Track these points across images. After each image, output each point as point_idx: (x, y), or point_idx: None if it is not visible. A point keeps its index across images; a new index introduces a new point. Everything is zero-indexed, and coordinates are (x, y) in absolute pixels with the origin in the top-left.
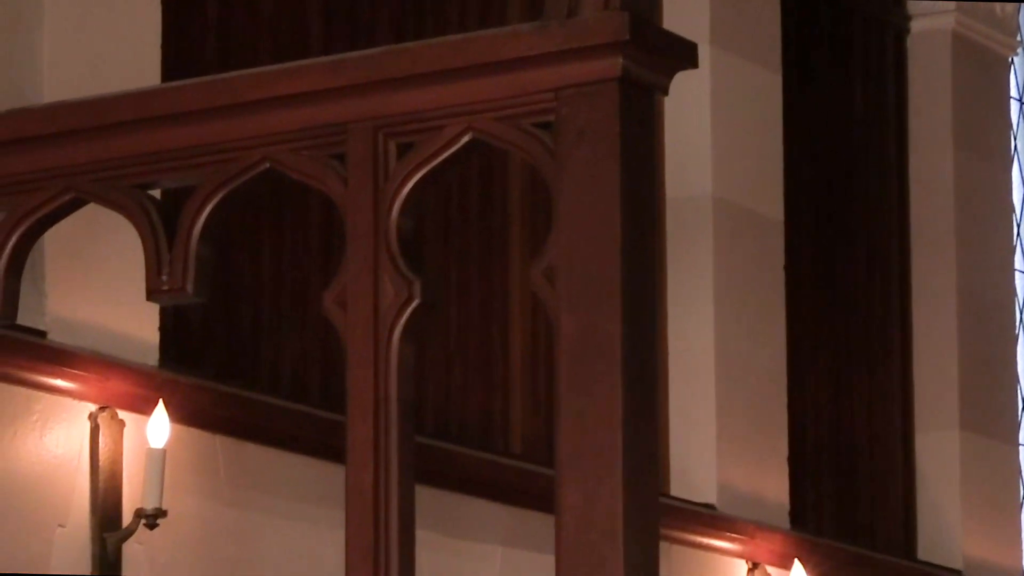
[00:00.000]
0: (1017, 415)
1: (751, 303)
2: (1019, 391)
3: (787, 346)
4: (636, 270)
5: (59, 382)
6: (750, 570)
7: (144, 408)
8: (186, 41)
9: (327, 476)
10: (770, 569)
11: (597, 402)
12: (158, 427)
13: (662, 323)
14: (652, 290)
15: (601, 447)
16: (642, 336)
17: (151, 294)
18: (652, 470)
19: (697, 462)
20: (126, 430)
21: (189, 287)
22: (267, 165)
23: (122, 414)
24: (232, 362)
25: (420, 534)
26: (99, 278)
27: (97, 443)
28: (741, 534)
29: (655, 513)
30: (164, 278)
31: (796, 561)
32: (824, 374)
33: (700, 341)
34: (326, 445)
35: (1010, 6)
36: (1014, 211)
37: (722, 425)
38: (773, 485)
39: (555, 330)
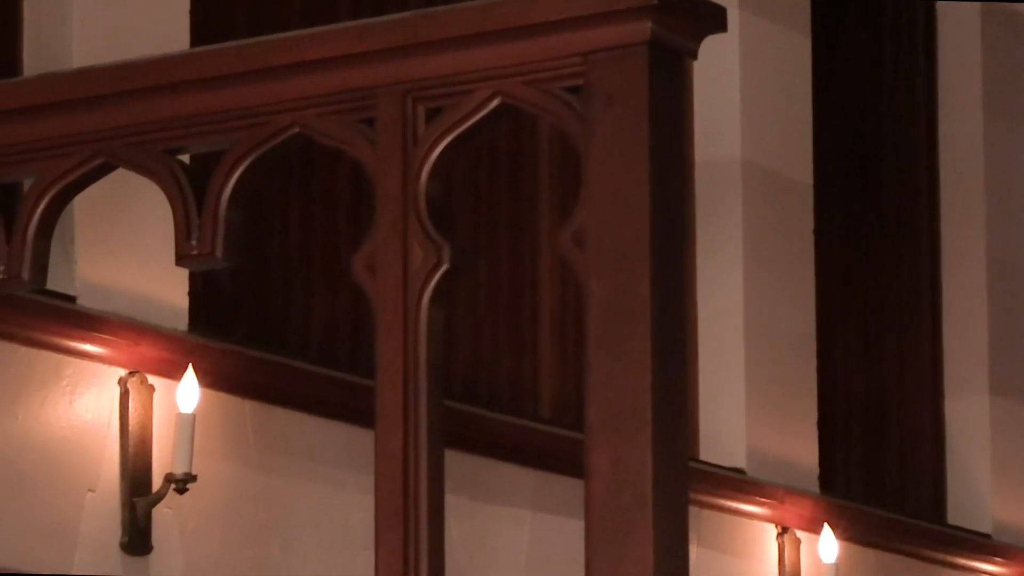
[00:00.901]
0: None
1: (780, 266)
2: None
3: (816, 310)
4: (665, 233)
5: (89, 347)
6: (779, 534)
7: (174, 373)
8: (215, 5)
9: (356, 440)
10: (799, 533)
11: (627, 366)
12: (188, 392)
13: (691, 287)
14: (682, 253)
15: (631, 411)
16: (672, 300)
17: (180, 259)
18: (682, 434)
19: (726, 426)
20: (156, 395)
21: (218, 252)
22: (296, 130)
23: (152, 379)
24: (261, 327)
25: (449, 499)
26: (129, 243)
27: (127, 408)
28: (770, 498)
29: (685, 477)
30: (193, 243)
31: (825, 525)
32: (853, 338)
33: (729, 305)
34: (355, 409)
35: None
36: None
37: (751, 389)
38: (802, 449)
39: (584, 294)
